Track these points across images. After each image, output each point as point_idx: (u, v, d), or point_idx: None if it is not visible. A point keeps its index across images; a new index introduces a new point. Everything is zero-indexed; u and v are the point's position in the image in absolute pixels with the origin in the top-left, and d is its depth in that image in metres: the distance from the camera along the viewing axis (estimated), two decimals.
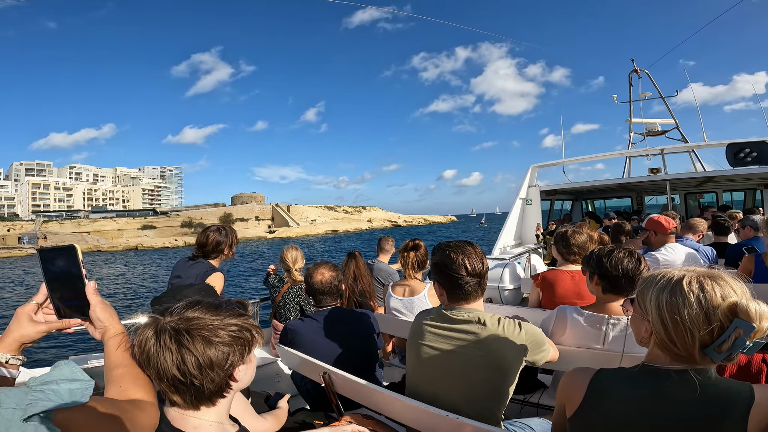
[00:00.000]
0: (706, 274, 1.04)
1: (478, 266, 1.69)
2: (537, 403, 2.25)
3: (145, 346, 0.96)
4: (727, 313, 0.97)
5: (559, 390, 1.26)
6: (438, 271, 1.73)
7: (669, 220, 3.65)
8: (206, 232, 3.01)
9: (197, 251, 3.00)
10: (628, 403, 1.06)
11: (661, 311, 1.04)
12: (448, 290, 1.72)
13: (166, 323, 0.96)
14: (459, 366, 1.64)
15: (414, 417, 1.54)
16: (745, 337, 0.94)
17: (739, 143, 7.84)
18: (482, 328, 1.64)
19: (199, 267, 2.88)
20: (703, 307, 0.98)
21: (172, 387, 0.96)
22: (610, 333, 1.95)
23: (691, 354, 1.01)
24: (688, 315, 0.99)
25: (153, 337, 0.95)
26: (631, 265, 1.96)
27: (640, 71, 12.46)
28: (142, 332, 0.98)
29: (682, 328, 1.00)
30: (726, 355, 0.98)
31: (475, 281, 1.69)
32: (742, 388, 1.00)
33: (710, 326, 0.98)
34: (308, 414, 2.22)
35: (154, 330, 0.96)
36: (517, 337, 1.63)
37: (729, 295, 0.99)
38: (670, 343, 1.03)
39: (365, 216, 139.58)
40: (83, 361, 2.54)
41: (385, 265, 4.67)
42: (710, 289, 1.00)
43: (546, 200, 10.19)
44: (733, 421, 0.95)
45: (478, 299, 1.73)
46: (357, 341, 2.32)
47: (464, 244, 1.74)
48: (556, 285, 2.97)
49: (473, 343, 1.64)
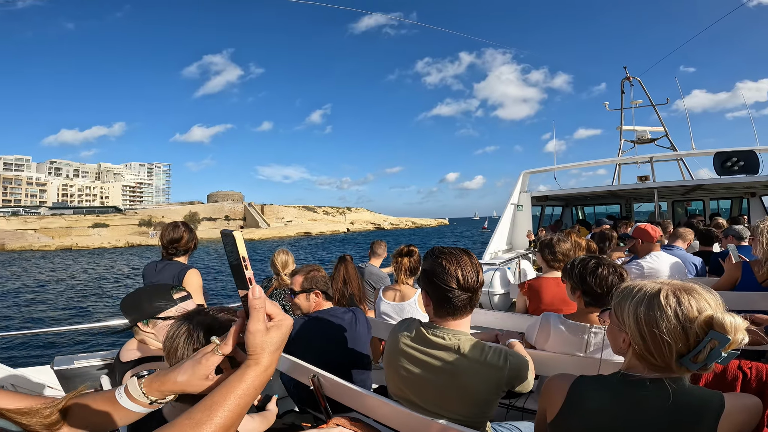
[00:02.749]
0: (682, 287, 1.08)
1: (471, 279, 1.50)
2: (522, 407, 2.29)
3: (175, 340, 1.01)
4: (703, 326, 1.01)
5: (541, 395, 1.30)
6: (426, 279, 1.55)
7: (656, 228, 3.72)
8: (175, 229, 2.86)
9: (169, 250, 2.86)
10: (604, 410, 1.10)
11: (639, 324, 1.08)
12: (435, 302, 1.55)
13: (201, 320, 1.01)
14: (433, 395, 1.54)
15: (401, 421, 1.56)
16: (720, 348, 0.99)
17: (727, 152, 7.95)
18: (459, 359, 1.48)
19: (172, 268, 2.77)
20: (680, 321, 1.03)
21: None
22: (592, 341, 2.00)
23: (668, 364, 1.05)
24: (666, 328, 1.03)
25: (186, 332, 1.00)
26: (615, 281, 1.95)
27: (632, 78, 12.62)
28: (173, 327, 1.03)
29: (659, 340, 1.04)
30: (701, 365, 1.03)
31: (465, 296, 1.51)
32: (713, 397, 1.04)
33: (687, 338, 1.02)
34: (297, 416, 2.24)
35: (187, 326, 1.01)
36: (499, 369, 1.48)
37: (704, 308, 1.03)
38: (648, 354, 1.08)
39: (348, 218, 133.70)
40: (69, 362, 2.52)
41: (376, 268, 4.69)
42: (686, 303, 1.04)
43: (537, 206, 10.28)
44: (704, 428, 1.00)
45: (466, 316, 1.57)
46: (346, 344, 2.34)
47: (460, 252, 1.56)
48: (542, 292, 3.02)
49: (448, 375, 1.50)
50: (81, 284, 26.15)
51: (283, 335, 0.80)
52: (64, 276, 31.28)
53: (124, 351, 1.72)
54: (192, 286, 2.65)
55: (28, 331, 8.02)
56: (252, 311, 0.78)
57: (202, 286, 2.78)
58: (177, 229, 2.86)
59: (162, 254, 2.90)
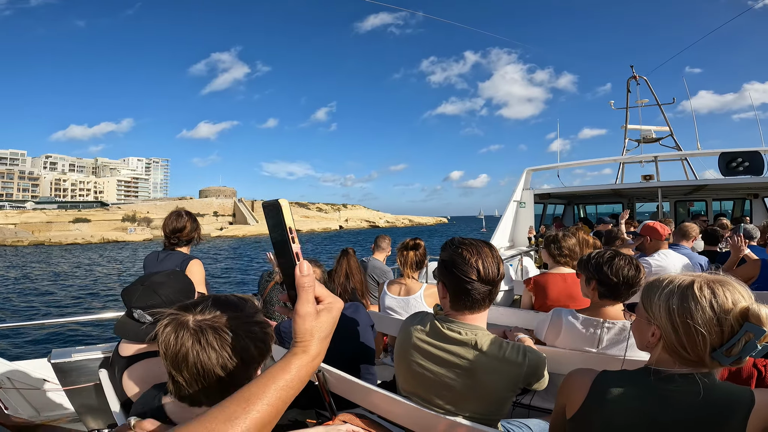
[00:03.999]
0: (715, 279, 1.06)
1: (492, 272, 1.45)
2: (528, 404, 2.25)
3: (182, 347, 0.89)
4: (739, 318, 1.00)
5: (560, 390, 1.26)
6: (445, 269, 1.50)
7: (664, 226, 3.70)
8: (178, 218, 2.81)
9: (171, 240, 2.80)
10: (630, 405, 1.07)
11: (671, 316, 1.05)
12: (453, 295, 1.49)
13: (202, 322, 0.91)
14: (447, 391, 1.49)
15: (408, 417, 1.52)
16: (756, 340, 0.97)
17: (732, 152, 7.92)
18: (477, 355, 1.43)
19: (173, 258, 2.72)
20: (715, 312, 1.00)
21: (205, 385, 0.91)
22: (605, 337, 1.96)
23: (701, 358, 1.03)
24: (701, 320, 1.01)
25: (191, 338, 0.90)
26: (631, 272, 1.96)
27: (638, 78, 12.56)
28: (171, 332, 0.91)
29: (694, 332, 1.01)
30: (735, 359, 1.00)
31: (485, 289, 1.45)
32: (743, 392, 1.02)
33: (721, 331, 1.00)
34: (300, 412, 2.20)
35: (189, 329, 0.91)
36: (518, 366, 1.43)
37: (739, 300, 1.01)
38: (680, 348, 1.05)
39: (344, 215, 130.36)
40: (66, 355, 2.47)
41: (379, 262, 4.65)
42: (722, 294, 1.02)
43: (539, 204, 10.24)
44: (734, 424, 0.98)
45: (483, 310, 1.51)
46: (350, 338, 2.30)
47: (481, 244, 1.51)
48: (548, 288, 3.00)
49: (464, 371, 1.45)
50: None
51: (334, 319, 0.73)
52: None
53: (124, 345, 1.66)
54: (195, 277, 2.60)
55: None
56: (300, 291, 0.69)
57: (204, 276, 2.73)
58: (180, 218, 2.81)
59: (164, 244, 2.85)
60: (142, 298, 1.62)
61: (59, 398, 2.85)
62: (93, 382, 2.25)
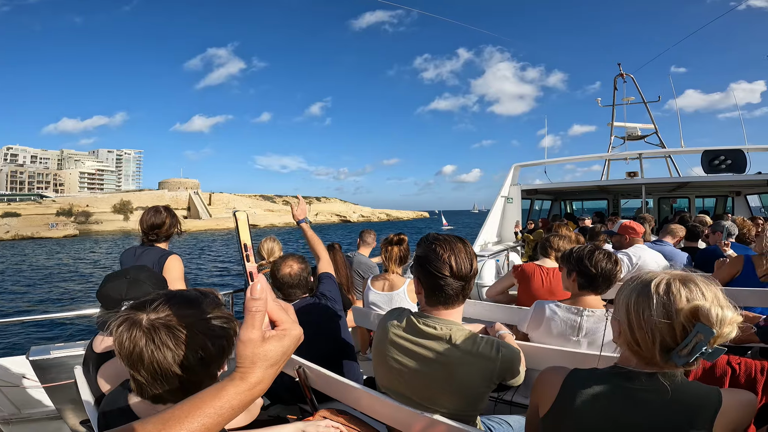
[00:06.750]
0: (679, 276, 1.03)
1: (465, 267, 1.46)
2: (510, 401, 2.28)
3: (136, 346, 0.88)
4: (689, 317, 0.95)
5: (532, 388, 1.26)
6: (419, 265, 1.51)
7: (640, 225, 3.91)
8: (156, 214, 2.73)
9: (150, 236, 2.74)
10: (598, 404, 1.06)
11: (628, 311, 1.04)
12: (427, 290, 1.51)
13: (155, 320, 0.90)
14: (423, 386, 1.49)
15: (388, 413, 1.53)
16: (705, 342, 0.91)
17: (715, 150, 8.04)
18: (451, 349, 1.44)
19: (151, 254, 2.66)
20: (666, 309, 0.97)
21: (165, 384, 0.91)
22: (585, 325, 2.06)
23: (653, 356, 1.00)
24: (650, 316, 0.98)
25: (144, 337, 0.88)
26: (609, 266, 2.09)
27: (625, 75, 12.68)
28: (125, 332, 0.89)
29: (644, 329, 1.00)
30: (687, 360, 0.95)
31: (458, 284, 1.46)
32: (710, 393, 1.00)
33: (673, 330, 0.97)
34: (282, 408, 2.20)
35: (141, 328, 0.89)
36: (491, 360, 1.44)
37: (695, 298, 0.97)
38: (635, 344, 1.03)
39: (315, 208, 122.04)
40: (45, 352, 2.44)
41: (365, 258, 4.64)
42: (676, 292, 0.98)
43: (526, 199, 10.33)
44: (700, 426, 0.96)
45: (457, 306, 1.53)
46: (331, 334, 2.30)
47: (454, 240, 1.52)
48: (533, 278, 3.10)
49: (439, 365, 1.45)
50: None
51: (285, 349, 0.65)
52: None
53: (98, 341, 1.64)
54: (173, 273, 2.57)
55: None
56: (246, 314, 0.63)
57: (183, 272, 2.69)
58: (158, 214, 2.74)
59: (142, 240, 2.79)
60: (133, 290, 1.63)
61: (39, 395, 2.81)
62: (72, 379, 2.23)
